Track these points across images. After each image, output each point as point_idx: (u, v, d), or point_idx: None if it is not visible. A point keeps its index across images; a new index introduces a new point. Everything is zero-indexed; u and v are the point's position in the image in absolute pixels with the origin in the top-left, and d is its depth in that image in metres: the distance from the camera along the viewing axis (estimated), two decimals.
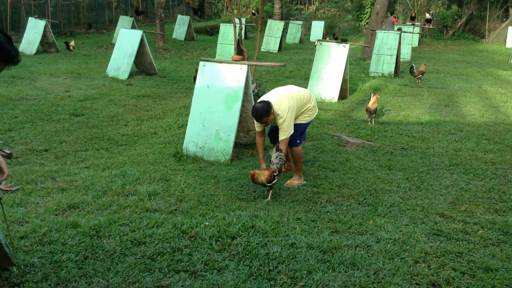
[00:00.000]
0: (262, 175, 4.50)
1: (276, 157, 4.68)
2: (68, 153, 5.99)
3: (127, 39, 11.66)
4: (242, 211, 4.20)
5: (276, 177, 4.58)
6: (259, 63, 6.24)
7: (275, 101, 4.79)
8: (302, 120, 5.05)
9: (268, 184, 4.52)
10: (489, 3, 23.96)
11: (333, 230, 3.92)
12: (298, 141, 5.11)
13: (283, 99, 4.81)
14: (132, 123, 7.50)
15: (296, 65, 14.71)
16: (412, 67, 11.77)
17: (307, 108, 5.05)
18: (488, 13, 24.17)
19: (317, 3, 31.31)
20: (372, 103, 7.82)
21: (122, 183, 4.75)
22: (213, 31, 23.57)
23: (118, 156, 5.87)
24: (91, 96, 9.22)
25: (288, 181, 5.09)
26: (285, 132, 4.77)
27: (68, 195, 4.45)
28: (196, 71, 6.07)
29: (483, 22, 24.68)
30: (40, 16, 16.84)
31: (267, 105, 4.69)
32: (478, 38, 24.39)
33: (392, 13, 22.22)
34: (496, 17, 24.43)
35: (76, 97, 9.08)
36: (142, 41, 11.52)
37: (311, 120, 5.23)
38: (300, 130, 5.07)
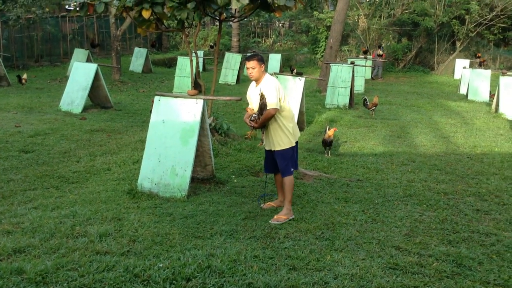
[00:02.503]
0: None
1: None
2: (15, 192, 5.73)
3: (81, 72, 11.46)
4: (198, 249, 4.09)
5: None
6: (214, 98, 6.24)
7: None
8: (285, 139, 5.03)
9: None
10: (437, 36, 25.15)
11: (291, 267, 3.87)
12: (292, 169, 5.10)
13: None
14: (84, 159, 7.28)
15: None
16: (365, 99, 12.10)
17: (291, 123, 5.07)
18: (436, 46, 25.32)
19: (274, 36, 31.96)
20: (328, 135, 7.94)
21: (72, 224, 4.55)
22: (171, 63, 23.55)
23: (68, 195, 5.65)
24: (43, 132, 8.93)
25: (275, 217, 4.98)
26: (271, 99, 4.86)
27: (14, 238, 4.21)
28: (153, 103, 6.00)
29: (432, 55, 25.81)
30: None
31: (262, 57, 5.08)
32: (428, 70, 25.44)
33: (380, 46, 23.00)
34: (444, 50, 25.62)
35: (27, 133, 8.77)
36: (97, 74, 11.35)
37: (295, 147, 5.18)
38: (286, 155, 5.04)
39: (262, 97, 4.89)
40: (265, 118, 4.95)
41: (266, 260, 3.99)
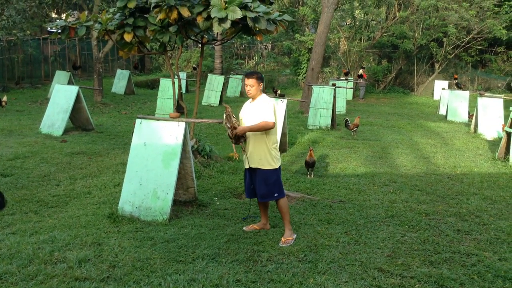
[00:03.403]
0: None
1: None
2: None
3: (62, 95, 11.38)
4: (179, 274, 4.04)
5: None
6: (196, 121, 6.24)
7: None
8: (269, 159, 5.02)
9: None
10: (416, 58, 25.67)
11: None
12: (276, 195, 5.06)
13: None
14: (64, 183, 7.18)
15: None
16: (346, 120, 12.23)
17: (275, 144, 5.09)
18: (415, 68, 25.83)
19: (256, 58, 32.27)
20: (308, 156, 7.99)
21: (51, 249, 4.46)
22: (154, 85, 23.56)
23: (47, 220, 5.55)
24: (22, 155, 8.79)
25: (282, 240, 4.96)
26: (269, 114, 4.93)
27: None
28: (134, 124, 5.98)
29: (412, 76, 26.29)
30: None
31: (262, 75, 5.15)
32: (408, 91, 25.88)
33: (362, 67, 23.36)
34: (423, 72, 26.13)
35: (6, 156, 8.63)
36: (78, 96, 11.28)
37: (279, 170, 5.17)
38: (271, 179, 5.02)
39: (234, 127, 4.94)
40: (259, 127, 4.94)
41: (248, 284, 3.95)
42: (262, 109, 4.99)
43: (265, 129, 4.98)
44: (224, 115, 5.06)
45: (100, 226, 5.28)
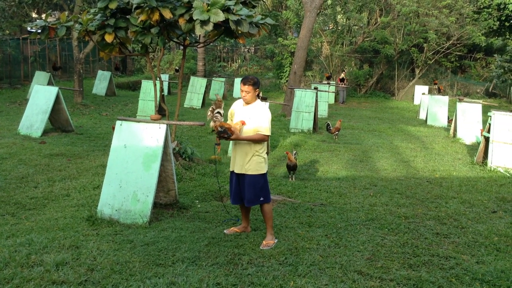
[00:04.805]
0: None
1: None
2: None
3: (41, 95, 11.21)
4: (159, 278, 4.00)
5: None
6: (178, 123, 6.20)
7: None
8: (258, 164, 5.01)
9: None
10: (397, 63, 26.00)
11: None
12: (262, 199, 5.04)
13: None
14: (42, 185, 7.06)
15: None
16: (328, 124, 12.31)
17: (263, 149, 5.07)
18: (396, 73, 26.16)
19: (239, 61, 32.30)
20: (288, 159, 8.03)
21: (28, 252, 4.37)
22: (136, 87, 23.38)
23: (24, 222, 5.45)
24: (0, 156, 8.64)
25: (264, 243, 4.95)
26: (265, 125, 4.92)
27: None
28: (113, 129, 5.91)
29: (393, 81, 26.63)
30: None
31: (259, 81, 5.08)
32: (389, 95, 26.18)
33: (344, 71, 23.55)
34: (404, 77, 26.48)
35: None
36: (57, 97, 11.13)
37: (266, 175, 5.16)
38: (258, 184, 5.01)
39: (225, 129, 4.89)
40: (255, 139, 4.93)
41: (229, 287, 3.93)
42: (260, 119, 4.95)
43: (261, 141, 4.98)
44: (211, 107, 4.98)
45: (79, 229, 5.20)
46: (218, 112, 4.93)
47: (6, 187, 6.89)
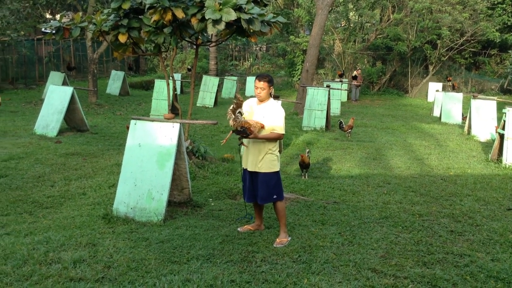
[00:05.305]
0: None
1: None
2: None
3: (57, 95, 11.36)
4: (174, 275, 4.05)
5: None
6: (191, 122, 6.26)
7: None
8: (272, 162, 5.04)
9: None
10: (410, 60, 25.80)
11: None
12: (275, 197, 5.08)
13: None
14: (59, 184, 7.17)
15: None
16: (341, 122, 12.28)
17: (276, 147, 5.11)
18: (409, 70, 25.96)
19: (251, 59, 32.32)
20: (301, 159, 8.04)
21: (45, 250, 4.46)
22: (149, 86, 23.54)
23: (42, 220, 5.55)
24: (16, 156, 8.77)
25: (277, 241, 4.99)
26: (279, 123, 4.95)
27: None
28: (128, 128, 5.98)
29: (406, 78, 26.43)
30: None
31: (272, 79, 5.11)
32: (402, 93, 26.00)
33: (359, 69, 23.48)
34: (417, 74, 26.27)
35: (0, 157, 8.60)
36: (72, 97, 11.27)
37: (279, 172, 5.19)
38: (271, 182, 5.04)
39: (244, 124, 4.90)
40: (272, 138, 4.98)
41: (243, 284, 3.97)
42: (275, 118, 4.98)
43: (275, 140, 5.02)
44: (232, 106, 4.94)
45: (95, 227, 5.29)
46: (239, 112, 4.94)
47: (24, 186, 7.01)
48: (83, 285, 3.75)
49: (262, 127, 4.97)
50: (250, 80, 22.43)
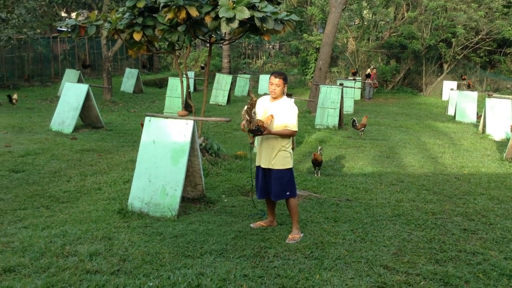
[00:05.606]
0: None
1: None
2: (5, 212, 5.71)
3: (72, 93, 11.52)
4: (188, 269, 4.11)
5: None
6: (205, 119, 6.31)
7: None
8: (285, 159, 5.08)
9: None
10: (425, 59, 25.60)
11: (280, 286, 3.90)
12: (288, 193, 5.13)
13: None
14: (75, 179, 7.29)
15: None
16: (354, 120, 12.26)
17: (289, 144, 5.15)
18: (424, 68, 25.77)
19: (264, 57, 32.32)
20: (313, 157, 8.06)
21: (62, 243, 4.55)
22: (162, 84, 23.70)
23: (59, 214, 5.65)
24: (33, 151, 8.92)
25: (289, 237, 5.04)
26: (292, 121, 4.99)
27: (4, 257, 4.20)
28: (142, 125, 6.06)
29: (420, 77, 26.24)
30: None
31: (287, 77, 5.18)
32: (416, 91, 25.82)
33: (373, 68, 23.38)
34: (432, 72, 26.06)
35: (17, 153, 8.76)
36: (88, 94, 11.41)
37: (292, 169, 5.24)
38: (284, 178, 5.08)
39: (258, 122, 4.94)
40: (284, 134, 5.03)
41: (255, 279, 4.02)
42: (288, 115, 5.03)
43: (288, 136, 5.05)
44: (246, 107, 4.95)
45: (110, 221, 5.37)
46: (254, 112, 4.98)
47: (40, 181, 7.13)
48: (99, 278, 3.82)
49: (272, 117, 5.02)
50: (263, 78, 22.47)
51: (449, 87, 21.79)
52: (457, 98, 16.57)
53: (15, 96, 15.53)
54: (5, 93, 16.31)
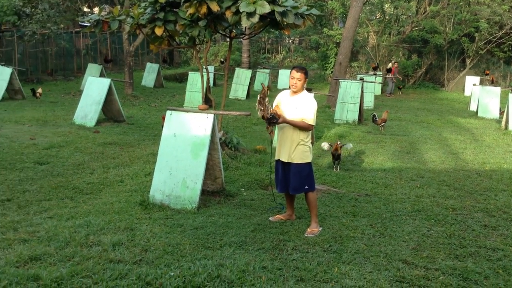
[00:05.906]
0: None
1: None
2: (31, 202, 5.87)
3: (95, 87, 11.70)
4: (208, 260, 4.19)
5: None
6: (225, 113, 6.37)
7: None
8: (304, 153, 5.14)
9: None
10: (447, 53, 25.24)
11: (299, 279, 3.94)
12: (307, 187, 5.18)
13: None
14: (98, 171, 7.44)
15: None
16: (374, 115, 12.19)
17: (308, 138, 5.19)
18: (446, 63, 25.41)
19: (284, 52, 32.26)
20: (334, 148, 8.06)
21: (86, 233, 4.67)
22: (182, 79, 23.87)
23: (82, 205, 5.79)
24: (57, 144, 9.12)
25: (308, 230, 5.09)
26: (310, 115, 5.01)
27: (30, 246, 4.33)
28: (163, 119, 6.15)
29: (442, 72, 25.89)
30: (7, 63, 16.75)
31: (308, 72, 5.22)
32: (438, 86, 25.48)
33: (396, 62, 23.21)
34: (454, 67, 25.69)
35: (41, 145, 8.97)
36: (110, 89, 11.58)
37: (311, 163, 5.28)
38: (303, 172, 5.13)
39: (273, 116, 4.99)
40: (299, 125, 5.05)
41: (274, 271, 4.07)
42: (306, 108, 5.06)
43: (303, 129, 5.08)
44: (259, 97, 5.00)
45: (132, 212, 5.49)
46: (267, 101, 5.03)
47: (64, 173, 7.30)
48: (122, 267, 3.92)
49: (278, 107, 5.13)
50: (283, 73, 22.43)
51: (471, 82, 21.47)
52: (479, 94, 16.33)
53: (39, 90, 15.83)
54: (29, 87, 16.63)
